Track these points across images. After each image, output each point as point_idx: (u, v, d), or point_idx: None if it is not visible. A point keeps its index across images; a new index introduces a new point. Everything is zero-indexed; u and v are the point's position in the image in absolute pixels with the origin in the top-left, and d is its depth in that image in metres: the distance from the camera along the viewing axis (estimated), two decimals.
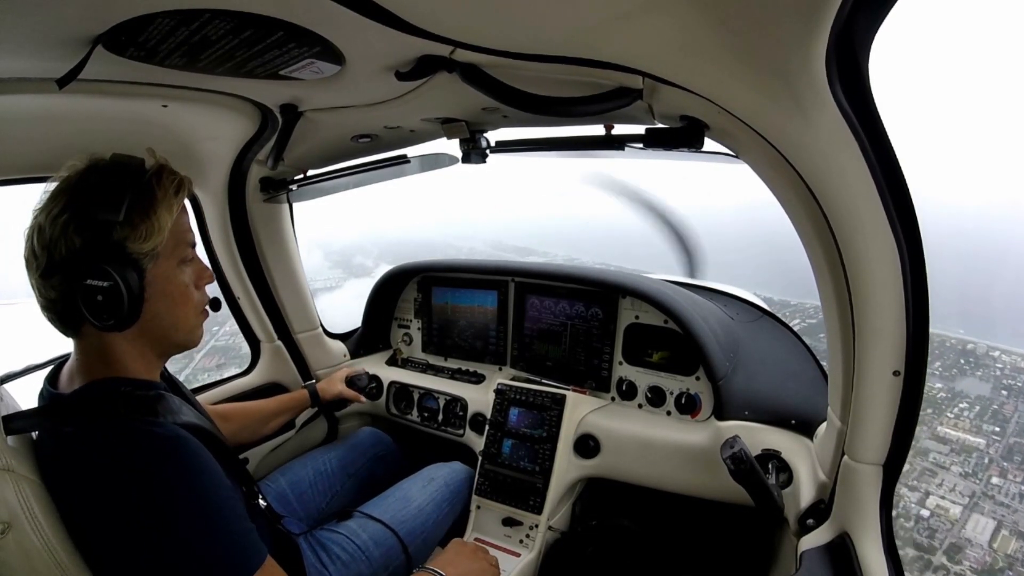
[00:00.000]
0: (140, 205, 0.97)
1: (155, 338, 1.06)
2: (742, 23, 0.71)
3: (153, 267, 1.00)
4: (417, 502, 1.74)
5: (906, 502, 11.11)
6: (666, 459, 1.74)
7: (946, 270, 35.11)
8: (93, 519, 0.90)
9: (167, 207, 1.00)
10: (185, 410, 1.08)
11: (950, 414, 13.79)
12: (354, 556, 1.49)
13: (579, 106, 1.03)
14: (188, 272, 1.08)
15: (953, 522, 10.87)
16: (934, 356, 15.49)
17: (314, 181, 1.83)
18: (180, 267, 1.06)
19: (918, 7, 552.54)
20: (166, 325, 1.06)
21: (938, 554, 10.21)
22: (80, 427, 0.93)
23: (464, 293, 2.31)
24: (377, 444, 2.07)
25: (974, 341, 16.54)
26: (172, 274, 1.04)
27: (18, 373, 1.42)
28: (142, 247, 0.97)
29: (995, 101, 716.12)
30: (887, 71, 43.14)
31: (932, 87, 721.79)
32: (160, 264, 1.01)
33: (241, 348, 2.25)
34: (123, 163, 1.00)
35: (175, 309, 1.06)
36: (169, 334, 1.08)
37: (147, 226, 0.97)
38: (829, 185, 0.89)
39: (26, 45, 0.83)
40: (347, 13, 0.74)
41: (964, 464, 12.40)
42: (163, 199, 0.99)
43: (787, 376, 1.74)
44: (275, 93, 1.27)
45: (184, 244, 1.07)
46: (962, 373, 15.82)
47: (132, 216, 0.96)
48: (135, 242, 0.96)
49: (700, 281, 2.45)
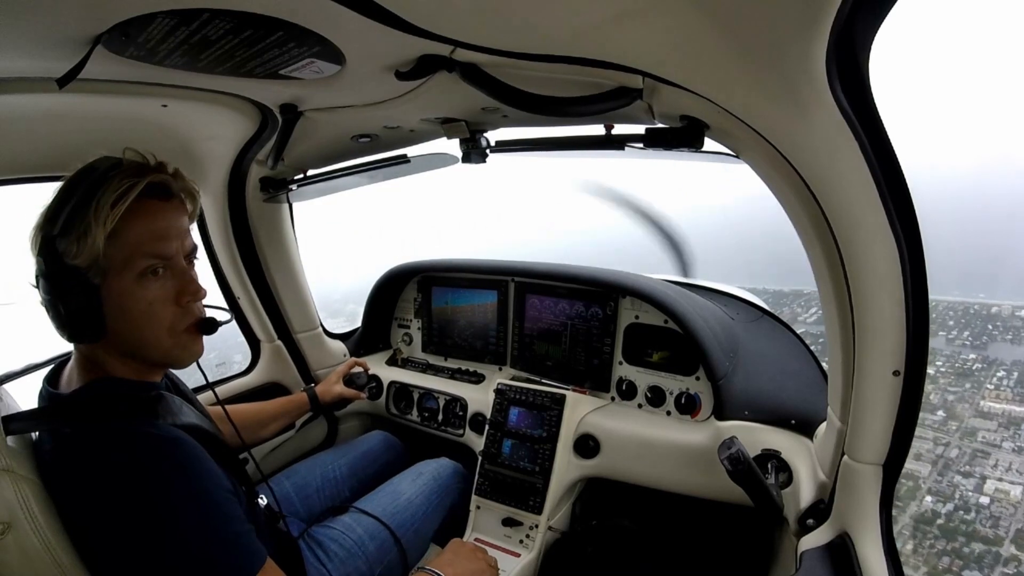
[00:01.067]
0: (78, 214, 0.90)
1: (129, 353, 1.01)
2: (742, 23, 0.71)
3: (107, 281, 0.93)
4: (407, 495, 1.74)
5: (962, 491, 10.06)
6: (666, 459, 1.74)
7: (954, 234, 34.30)
8: (92, 521, 0.90)
9: (109, 215, 0.90)
10: (185, 410, 1.07)
11: (989, 385, 12.72)
12: (351, 552, 1.49)
13: (579, 106, 1.03)
14: (156, 287, 0.97)
15: (1016, 504, 9.72)
16: (961, 326, 14.65)
17: (314, 181, 1.83)
18: (141, 282, 0.96)
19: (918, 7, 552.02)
20: (132, 343, 0.99)
21: (1006, 544, 9.12)
22: (77, 428, 0.92)
23: (464, 293, 2.31)
24: (388, 449, 2.05)
25: (998, 304, 15.60)
26: (129, 290, 0.95)
27: (18, 372, 1.42)
28: (77, 260, 0.90)
29: (986, 59, 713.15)
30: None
31: (919, 45, 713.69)
32: (114, 278, 0.94)
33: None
34: (91, 167, 0.94)
35: (139, 328, 0.97)
36: (140, 352, 1.01)
37: (79, 237, 0.89)
38: (829, 185, 0.89)
39: (26, 45, 0.83)
40: (347, 13, 0.74)
41: (1015, 438, 11.12)
42: (103, 206, 0.89)
43: (787, 376, 1.74)
44: (275, 93, 1.27)
45: (144, 256, 0.95)
46: (992, 339, 14.81)
47: (68, 226, 0.90)
48: (70, 256, 0.90)
49: (700, 281, 2.45)
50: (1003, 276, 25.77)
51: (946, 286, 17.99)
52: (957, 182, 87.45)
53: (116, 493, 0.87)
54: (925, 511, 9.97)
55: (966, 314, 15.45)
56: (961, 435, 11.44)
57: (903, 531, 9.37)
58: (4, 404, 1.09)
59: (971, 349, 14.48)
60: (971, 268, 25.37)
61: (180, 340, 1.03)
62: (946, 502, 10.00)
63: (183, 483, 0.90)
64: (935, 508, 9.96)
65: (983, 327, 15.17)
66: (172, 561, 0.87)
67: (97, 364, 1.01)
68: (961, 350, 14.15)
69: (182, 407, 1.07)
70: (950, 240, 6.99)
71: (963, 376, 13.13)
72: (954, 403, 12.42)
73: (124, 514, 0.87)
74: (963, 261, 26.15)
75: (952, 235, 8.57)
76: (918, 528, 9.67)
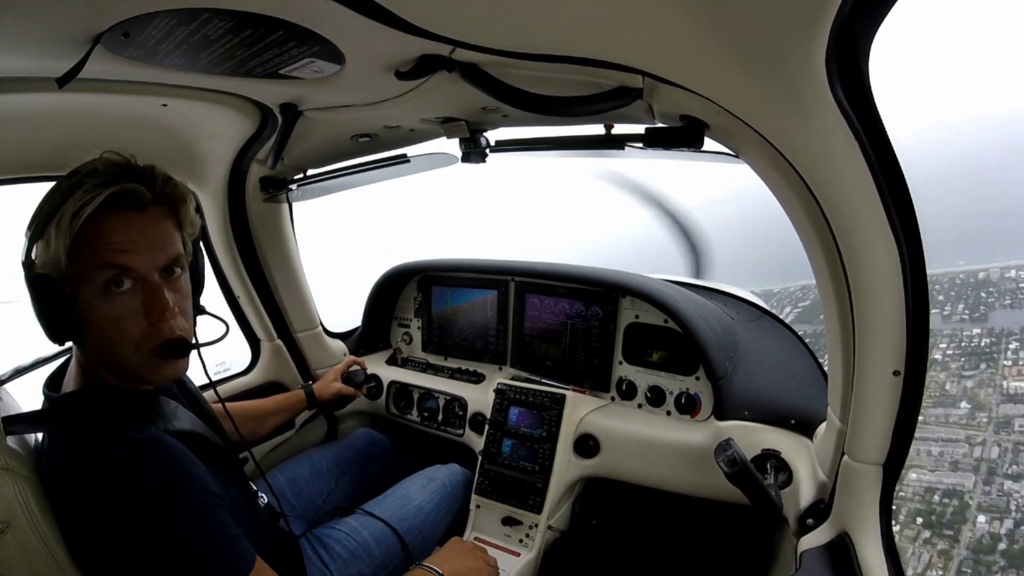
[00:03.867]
0: (45, 222, 0.88)
1: (105, 364, 0.97)
2: (742, 22, 0.71)
3: (79, 289, 0.90)
4: (417, 501, 1.75)
5: (1019, 500, 8.81)
6: (666, 459, 1.74)
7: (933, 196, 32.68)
8: (80, 524, 0.90)
9: (68, 227, 0.86)
10: (180, 414, 1.07)
11: (1007, 362, 11.31)
12: (355, 554, 1.49)
13: (579, 105, 1.03)
14: (123, 301, 0.92)
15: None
16: (953, 299, 13.15)
17: (314, 181, 1.83)
18: (105, 295, 0.91)
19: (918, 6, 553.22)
20: (105, 355, 0.96)
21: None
22: (67, 431, 0.93)
23: (464, 292, 2.31)
24: (371, 444, 2.08)
25: (983, 268, 14.24)
26: (93, 301, 0.91)
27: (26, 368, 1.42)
28: (43, 269, 0.89)
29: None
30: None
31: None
32: (82, 288, 0.90)
33: None
34: (75, 171, 0.92)
35: (107, 342, 0.94)
36: (114, 364, 0.97)
37: (45, 245, 0.88)
38: (829, 185, 0.89)
39: (26, 44, 0.83)
40: (347, 12, 0.74)
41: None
42: (67, 211, 0.86)
43: (787, 376, 1.74)
44: (275, 92, 1.27)
45: (102, 268, 0.89)
46: (991, 308, 13.38)
47: (37, 233, 0.89)
48: (37, 258, 0.89)
49: (700, 280, 2.44)
50: (976, 238, 24.51)
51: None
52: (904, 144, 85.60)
53: (96, 497, 0.88)
54: (981, 536, 8.56)
55: (953, 285, 14.06)
56: (995, 427, 10.08)
57: (963, 569, 7.92)
58: (4, 404, 1.09)
59: (972, 323, 13.17)
60: (940, 236, 24.00)
61: (147, 360, 0.96)
62: (1003, 517, 8.78)
63: (162, 489, 0.89)
64: (992, 530, 8.62)
65: (976, 296, 13.80)
66: (154, 566, 0.87)
67: (89, 368, 1.00)
68: (962, 326, 12.95)
69: (177, 411, 1.06)
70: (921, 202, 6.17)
71: (974, 356, 11.93)
72: (975, 390, 11.05)
73: (108, 518, 0.87)
74: (931, 228, 25.40)
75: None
76: (979, 562, 8.20)
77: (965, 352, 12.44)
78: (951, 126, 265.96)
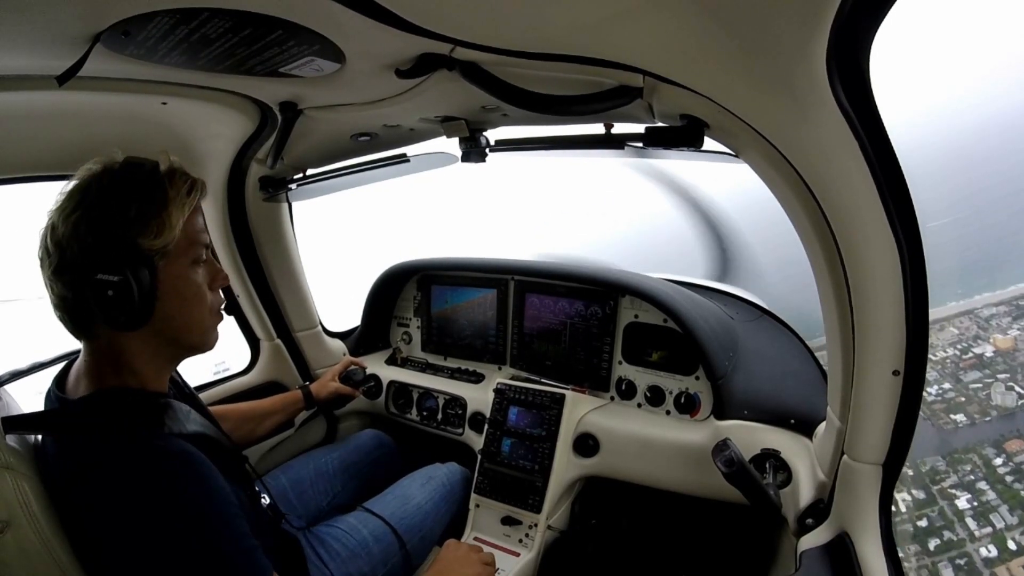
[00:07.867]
0: (152, 202, 0.97)
1: (168, 339, 1.04)
2: (742, 22, 0.71)
3: (165, 265, 0.99)
4: (416, 500, 1.74)
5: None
6: (665, 458, 1.74)
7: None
8: (99, 532, 0.90)
9: (179, 206, 1.00)
10: (192, 417, 1.08)
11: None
12: (354, 552, 1.49)
13: (579, 105, 1.03)
14: (201, 273, 1.07)
15: None
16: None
17: (313, 180, 1.83)
18: (193, 267, 1.05)
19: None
20: (179, 326, 1.05)
21: None
22: (90, 439, 0.93)
23: (464, 292, 2.31)
24: (380, 446, 2.06)
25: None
26: (185, 273, 1.03)
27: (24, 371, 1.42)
28: (153, 243, 0.96)
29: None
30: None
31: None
32: (172, 263, 1.00)
33: None
34: (137, 164, 1.00)
35: (189, 309, 1.05)
36: (182, 335, 1.06)
37: (158, 223, 0.97)
38: (829, 185, 0.89)
39: (26, 42, 0.83)
40: (347, 12, 0.74)
41: None
42: (175, 198, 0.99)
43: (786, 375, 1.74)
44: (275, 91, 1.27)
45: (197, 244, 1.06)
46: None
47: (143, 213, 0.96)
48: (146, 238, 0.96)
49: (700, 280, 2.44)
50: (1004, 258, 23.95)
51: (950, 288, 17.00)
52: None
53: (124, 509, 0.88)
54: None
55: (1017, 307, 14.52)
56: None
57: None
58: (4, 404, 1.09)
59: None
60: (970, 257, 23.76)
61: (214, 321, 1.13)
62: None
63: (193, 502, 0.91)
64: None
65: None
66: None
67: (116, 362, 1.00)
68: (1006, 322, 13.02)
69: (189, 414, 1.08)
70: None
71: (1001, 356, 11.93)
72: None
73: (132, 530, 0.88)
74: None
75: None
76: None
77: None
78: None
